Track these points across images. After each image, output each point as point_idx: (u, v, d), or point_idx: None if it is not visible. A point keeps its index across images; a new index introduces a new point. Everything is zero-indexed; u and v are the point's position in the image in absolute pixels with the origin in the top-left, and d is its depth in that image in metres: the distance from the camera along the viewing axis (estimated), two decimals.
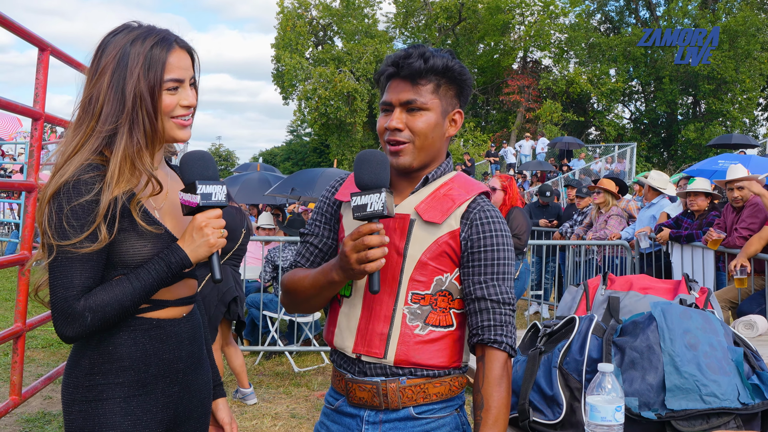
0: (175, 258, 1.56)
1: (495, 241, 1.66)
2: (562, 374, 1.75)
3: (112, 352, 1.58)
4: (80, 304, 1.50)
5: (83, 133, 1.58)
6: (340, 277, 1.63)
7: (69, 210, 1.49)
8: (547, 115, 30.83)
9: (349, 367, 1.73)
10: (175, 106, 1.63)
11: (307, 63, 33.88)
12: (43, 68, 3.35)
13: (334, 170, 9.46)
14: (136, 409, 1.60)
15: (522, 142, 25.40)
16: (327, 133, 34.43)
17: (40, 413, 4.61)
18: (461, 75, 1.72)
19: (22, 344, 3.41)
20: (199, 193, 1.55)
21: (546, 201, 9.90)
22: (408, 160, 1.68)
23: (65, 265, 1.50)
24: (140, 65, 1.57)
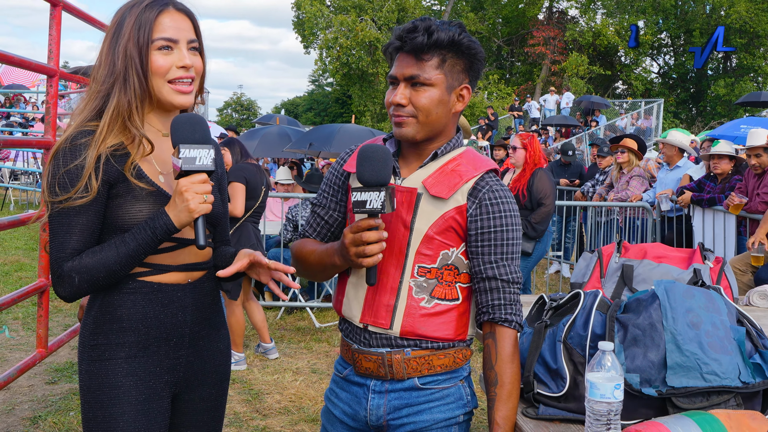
0: (159, 223, 1.57)
1: (504, 221, 1.69)
2: (566, 348, 1.78)
3: (112, 312, 1.64)
4: (68, 265, 1.57)
5: (87, 95, 1.65)
6: (342, 262, 1.68)
7: (63, 172, 1.56)
8: (572, 68, 30.25)
9: (356, 336, 1.77)
10: (169, 68, 1.63)
11: (327, 11, 33.32)
12: (55, 24, 3.36)
13: (352, 126, 9.44)
14: (138, 369, 1.65)
15: (546, 97, 24.99)
16: (349, 84, 34.12)
17: (68, 363, 4.77)
18: (470, 49, 1.69)
19: (47, 299, 3.51)
20: (181, 157, 1.52)
21: (568, 160, 9.80)
22: (411, 132, 1.69)
23: (58, 225, 1.57)
24: (131, 25, 1.61)
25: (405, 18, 32.46)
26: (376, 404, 1.74)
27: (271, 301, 6.69)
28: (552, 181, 5.84)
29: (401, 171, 1.76)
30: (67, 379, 4.48)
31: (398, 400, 1.73)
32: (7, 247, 8.74)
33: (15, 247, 8.84)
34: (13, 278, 7.23)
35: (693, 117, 32.33)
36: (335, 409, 1.84)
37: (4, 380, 3.15)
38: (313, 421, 4.04)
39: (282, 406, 4.26)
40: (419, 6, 33.90)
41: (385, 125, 31.85)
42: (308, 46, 35.27)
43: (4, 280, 7.10)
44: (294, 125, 16.25)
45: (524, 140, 5.84)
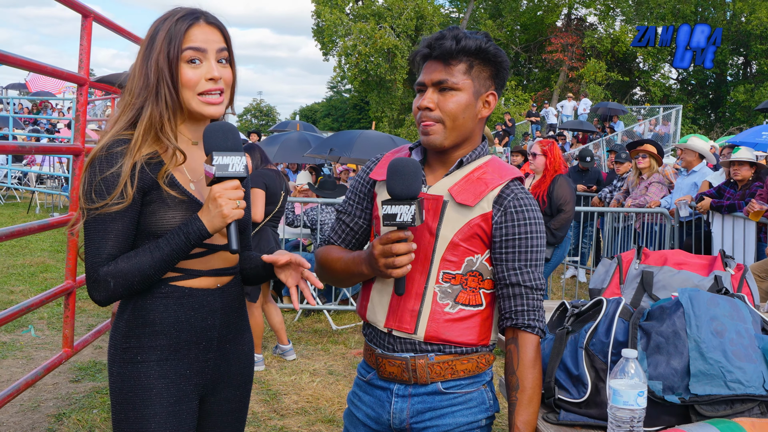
0: (192, 228, 1.61)
1: (528, 229, 1.71)
2: (588, 355, 1.80)
3: (145, 316, 1.67)
4: (103, 270, 1.60)
5: (122, 107, 1.69)
6: (369, 272, 1.71)
7: (100, 180, 1.60)
8: (590, 75, 30.14)
9: (380, 341, 1.80)
10: (198, 81, 1.66)
11: (347, 18, 33.52)
12: (86, 35, 3.44)
13: (372, 132, 9.49)
14: (169, 372, 1.69)
15: (564, 103, 24.88)
16: (367, 90, 34.23)
17: (92, 362, 4.85)
18: (496, 56, 1.73)
19: (73, 300, 3.59)
20: (214, 164, 1.56)
21: (586, 166, 9.76)
22: (438, 139, 1.72)
23: (93, 231, 1.61)
24: (162, 38, 1.65)
25: (423, 25, 32.54)
26: (399, 408, 1.77)
27: (289, 304, 6.74)
28: (572, 188, 5.82)
29: (427, 179, 1.79)
30: (91, 378, 4.56)
31: (421, 404, 1.75)
32: (33, 249, 8.87)
33: (41, 249, 8.97)
34: (39, 279, 7.35)
35: (712, 123, 32.05)
36: (358, 412, 1.86)
37: (32, 378, 3.22)
38: (330, 422, 4.07)
39: (299, 407, 4.30)
40: (438, 14, 33.97)
41: (402, 131, 31.88)
42: (327, 53, 35.45)
43: (29, 281, 7.21)
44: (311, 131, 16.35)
45: (544, 147, 5.83)
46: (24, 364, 4.74)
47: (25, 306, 3.11)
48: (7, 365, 4.70)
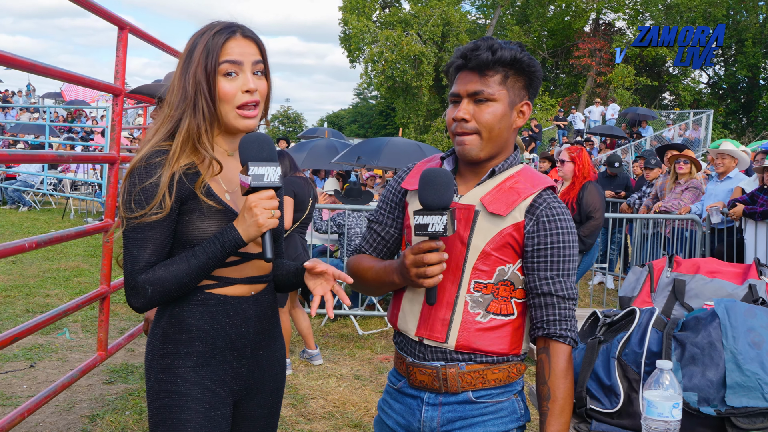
0: (228, 237, 1.64)
1: (561, 238, 1.70)
2: (621, 365, 1.79)
3: (181, 323, 1.71)
4: (141, 277, 1.64)
5: (161, 119, 1.72)
6: (401, 281, 1.72)
7: (140, 189, 1.63)
8: (618, 80, 29.83)
9: (411, 350, 1.80)
10: (235, 94, 1.70)
11: (374, 26, 33.66)
12: (122, 46, 3.50)
13: (399, 139, 9.50)
14: (205, 378, 1.71)
15: (591, 108, 24.66)
16: (393, 97, 34.33)
17: (124, 365, 4.93)
18: (530, 66, 1.73)
19: (107, 305, 3.65)
20: (250, 175, 1.58)
21: (614, 171, 9.68)
22: (474, 150, 1.72)
23: (132, 239, 1.64)
24: (200, 52, 1.68)
25: (450, 32, 32.53)
26: (429, 416, 1.77)
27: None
28: (602, 195, 5.77)
29: (459, 188, 1.79)
30: (123, 380, 4.63)
31: (452, 413, 1.75)
32: (67, 254, 9.04)
33: (75, 254, 9.14)
34: (73, 283, 7.48)
35: (743, 128, 31.51)
36: (388, 420, 1.87)
37: (68, 381, 3.29)
38: (357, 427, 4.09)
39: (326, 411, 4.32)
40: (464, 20, 33.94)
41: (428, 137, 31.86)
42: (354, 60, 35.65)
43: (64, 285, 7.35)
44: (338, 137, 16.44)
45: (573, 153, 5.79)
46: (59, 366, 4.84)
47: (62, 310, 3.18)
48: (43, 367, 4.80)
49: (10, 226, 11.63)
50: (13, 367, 4.74)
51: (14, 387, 4.38)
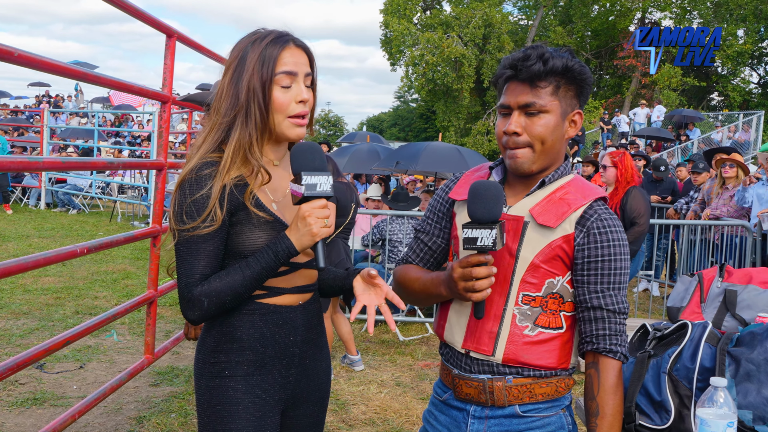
0: (281, 246, 1.65)
1: (613, 251, 1.67)
2: (672, 380, 1.75)
3: (232, 332, 1.72)
4: (197, 289, 1.64)
5: (209, 126, 1.73)
6: (448, 294, 1.71)
7: (191, 201, 1.64)
8: (665, 81, 29.21)
9: (457, 362, 1.78)
10: (289, 104, 1.71)
11: (415, 28, 33.69)
12: (170, 54, 3.55)
13: (438, 144, 9.46)
14: (255, 387, 1.73)
15: (636, 110, 24.19)
16: (434, 99, 34.28)
17: (169, 367, 5.02)
18: (581, 74, 1.69)
19: (155, 309, 3.72)
20: (303, 184, 1.59)
21: (660, 176, 9.47)
22: (527, 163, 1.69)
23: (186, 251, 1.65)
24: (255, 61, 1.68)
25: (491, 34, 32.31)
26: (475, 429, 1.75)
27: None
28: (647, 200, 5.65)
29: (507, 198, 1.76)
30: (169, 383, 4.71)
31: (498, 427, 1.73)
32: (115, 257, 9.25)
33: (122, 257, 9.35)
34: (120, 285, 7.65)
35: None
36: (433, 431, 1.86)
37: (116, 383, 3.36)
38: None
39: (367, 417, 4.33)
40: (506, 21, 33.70)
41: (469, 140, 31.71)
42: (395, 63, 35.72)
43: (112, 287, 7.52)
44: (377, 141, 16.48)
45: (614, 158, 5.69)
46: (107, 367, 4.95)
47: (111, 314, 3.25)
48: (92, 368, 4.92)
49: (60, 228, 11.96)
50: (64, 368, 4.87)
51: (65, 387, 4.49)
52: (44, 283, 7.35)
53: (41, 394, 4.33)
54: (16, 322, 5.93)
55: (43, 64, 2.34)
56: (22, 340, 5.42)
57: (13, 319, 6.00)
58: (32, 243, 10.07)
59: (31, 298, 6.76)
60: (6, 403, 4.15)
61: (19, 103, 27.32)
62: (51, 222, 12.77)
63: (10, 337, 5.47)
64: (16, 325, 5.83)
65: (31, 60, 2.22)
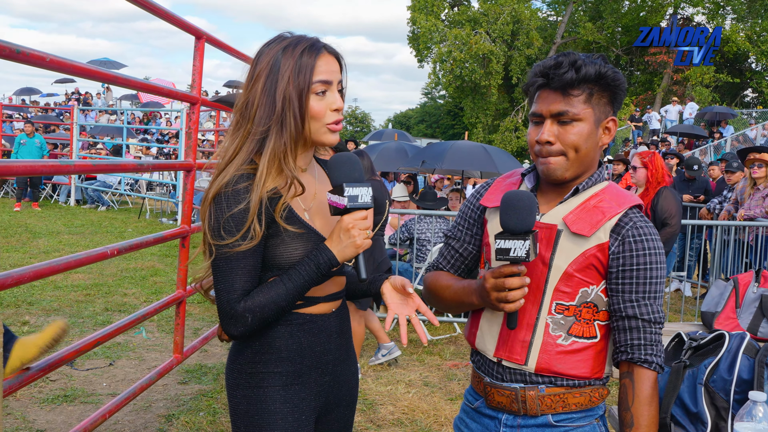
0: (323, 258, 1.64)
1: (648, 259, 1.64)
2: (708, 392, 1.71)
3: (271, 344, 1.71)
4: (241, 305, 1.63)
5: (241, 135, 1.69)
6: (480, 303, 1.69)
7: (228, 217, 1.61)
8: (697, 77, 28.74)
9: (489, 370, 1.77)
10: (325, 112, 1.70)
11: (442, 25, 33.57)
12: (199, 55, 3.56)
13: (464, 143, 9.40)
14: (293, 397, 1.73)
15: (668, 107, 23.84)
16: (461, 96, 34.16)
17: (198, 365, 5.06)
18: (615, 81, 1.66)
19: (183, 309, 3.75)
20: (346, 196, 1.59)
21: (692, 175, 9.31)
22: (560, 171, 1.67)
23: (225, 267, 1.63)
24: (290, 70, 1.66)
25: (520, 30, 32.07)
26: None
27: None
28: (678, 201, 5.56)
29: (540, 207, 1.73)
30: (197, 381, 4.75)
31: None
32: (143, 254, 9.35)
33: (151, 253, 9.44)
34: (149, 282, 7.74)
35: None
36: None
37: (146, 383, 3.39)
38: None
39: (395, 418, 4.31)
40: (535, 17, 33.42)
41: (497, 137, 31.52)
42: (422, 59, 35.64)
43: (141, 284, 7.61)
44: (403, 138, 16.45)
45: (644, 158, 5.59)
46: (136, 365, 5.01)
47: (141, 315, 3.28)
48: (121, 365, 4.98)
49: (90, 225, 12.13)
50: (94, 364, 4.94)
51: (94, 384, 4.55)
52: (74, 280, 7.45)
53: (72, 390, 4.39)
54: (46, 318, 6.02)
55: (74, 69, 2.36)
56: None
57: (44, 316, 6.09)
58: (62, 239, 10.22)
59: (62, 295, 6.86)
60: (37, 400, 4.22)
61: (49, 100, 27.83)
62: (80, 218, 12.97)
63: None
64: (47, 321, 5.91)
65: (63, 65, 2.24)
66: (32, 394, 4.28)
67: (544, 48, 33.08)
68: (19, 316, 5.98)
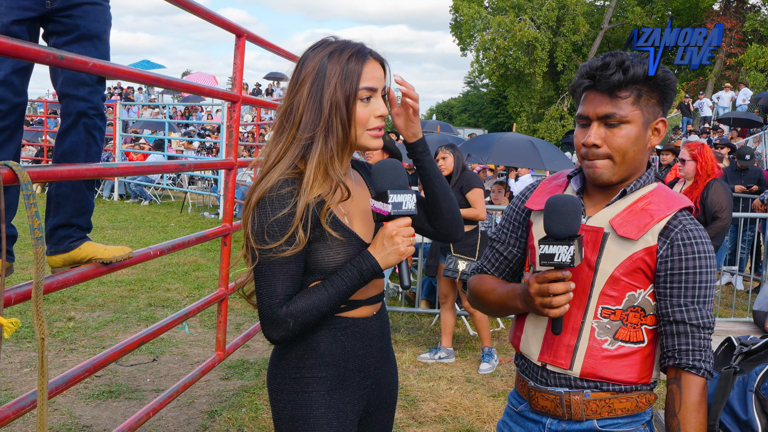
0: (366, 265, 1.64)
1: (698, 263, 1.59)
2: (759, 400, 1.64)
3: (315, 348, 1.71)
4: (283, 310, 1.62)
5: (285, 140, 1.69)
6: (524, 308, 1.67)
7: (272, 221, 1.61)
8: (751, 61, 27.82)
9: (533, 374, 1.75)
10: (369, 118, 1.69)
11: (485, 12, 33.23)
12: (239, 53, 3.55)
13: (511, 135, 9.26)
14: (337, 401, 1.73)
15: (720, 93, 23.11)
16: (505, 84, 33.81)
17: (239, 361, 5.12)
18: (664, 81, 1.62)
19: (225, 306, 3.78)
20: (390, 203, 1.59)
21: (745, 164, 9.01)
22: (606, 174, 1.64)
23: (268, 272, 1.63)
24: (337, 76, 1.65)
25: (565, 16, 31.51)
26: None
27: (427, 309, 6.77)
28: (729, 193, 5.38)
29: (586, 209, 1.71)
30: (239, 377, 4.80)
31: None
32: (186, 249, 9.49)
33: (193, 248, 9.57)
34: (192, 277, 7.86)
35: None
36: None
37: (189, 381, 3.43)
38: None
39: (437, 414, 4.29)
40: (581, 2, 32.78)
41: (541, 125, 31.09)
42: (465, 48, 35.35)
43: (183, 279, 7.73)
44: (446, 130, 16.30)
45: (693, 151, 5.42)
46: (179, 360, 5.09)
47: (183, 314, 3.32)
48: (164, 361, 5.07)
49: (133, 219, 12.36)
50: (138, 360, 5.03)
51: (138, 380, 4.64)
52: (118, 275, 7.57)
53: (116, 386, 4.48)
54: (91, 314, 6.16)
55: (117, 72, 2.38)
56: (98, 332, 5.62)
57: (89, 311, 6.23)
58: (106, 234, 10.42)
59: (106, 290, 7.00)
60: (83, 396, 4.31)
61: None
62: (124, 213, 13.19)
63: (86, 329, 5.68)
64: (91, 317, 6.06)
65: (106, 69, 2.27)
66: (78, 390, 4.38)
67: (590, 34, 32.46)
68: (65, 312, 6.12)
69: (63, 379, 2.31)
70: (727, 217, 5.23)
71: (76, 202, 2.51)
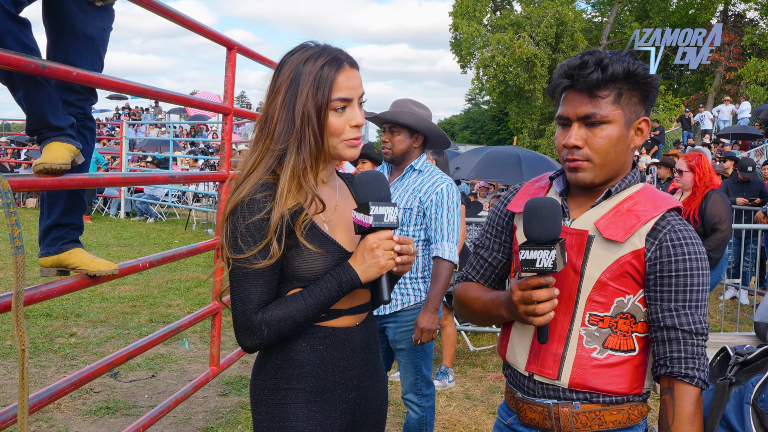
0: (346, 277, 1.60)
1: (688, 265, 1.54)
2: (756, 412, 1.59)
3: (293, 358, 1.66)
4: (258, 317, 1.58)
5: (259, 151, 1.65)
6: (509, 316, 1.62)
7: (244, 227, 1.57)
8: (751, 75, 27.87)
9: (521, 384, 1.70)
10: (344, 129, 1.64)
11: (485, 30, 33.42)
12: (230, 66, 3.57)
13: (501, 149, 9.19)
14: (317, 414, 1.67)
15: (720, 107, 23.11)
16: (506, 101, 33.93)
17: (238, 377, 5.06)
18: (645, 78, 1.57)
19: (219, 320, 3.75)
20: (372, 215, 1.55)
21: (746, 176, 8.97)
22: (588, 176, 1.59)
23: (242, 279, 1.59)
24: (309, 84, 1.60)
25: (564, 32, 31.66)
26: None
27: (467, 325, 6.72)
28: (728, 204, 5.34)
29: (570, 211, 1.66)
30: (237, 393, 4.75)
31: None
32: (188, 265, 9.47)
33: (195, 265, 9.57)
34: (193, 293, 7.82)
35: None
36: None
37: (182, 396, 3.40)
38: None
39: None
40: (579, 19, 32.96)
41: (543, 141, 31.12)
42: (465, 65, 35.53)
43: (185, 296, 7.70)
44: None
45: (691, 161, 5.40)
46: (178, 377, 5.04)
47: (176, 326, 3.29)
48: (163, 377, 5.02)
49: (138, 237, 12.36)
50: (137, 376, 4.98)
51: (136, 396, 4.59)
52: (121, 292, 7.58)
53: (114, 402, 4.44)
54: (93, 330, 6.13)
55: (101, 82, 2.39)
56: (99, 348, 5.59)
57: (90, 327, 6.20)
58: (111, 251, 10.42)
59: (108, 306, 6.98)
60: (80, 411, 4.26)
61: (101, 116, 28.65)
62: (129, 231, 13.22)
63: (87, 345, 5.65)
64: (93, 333, 6.02)
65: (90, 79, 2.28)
66: (76, 405, 4.33)
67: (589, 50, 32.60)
68: (67, 327, 6.10)
69: (47, 392, 2.28)
70: (727, 229, 5.19)
71: (68, 200, 2.51)
